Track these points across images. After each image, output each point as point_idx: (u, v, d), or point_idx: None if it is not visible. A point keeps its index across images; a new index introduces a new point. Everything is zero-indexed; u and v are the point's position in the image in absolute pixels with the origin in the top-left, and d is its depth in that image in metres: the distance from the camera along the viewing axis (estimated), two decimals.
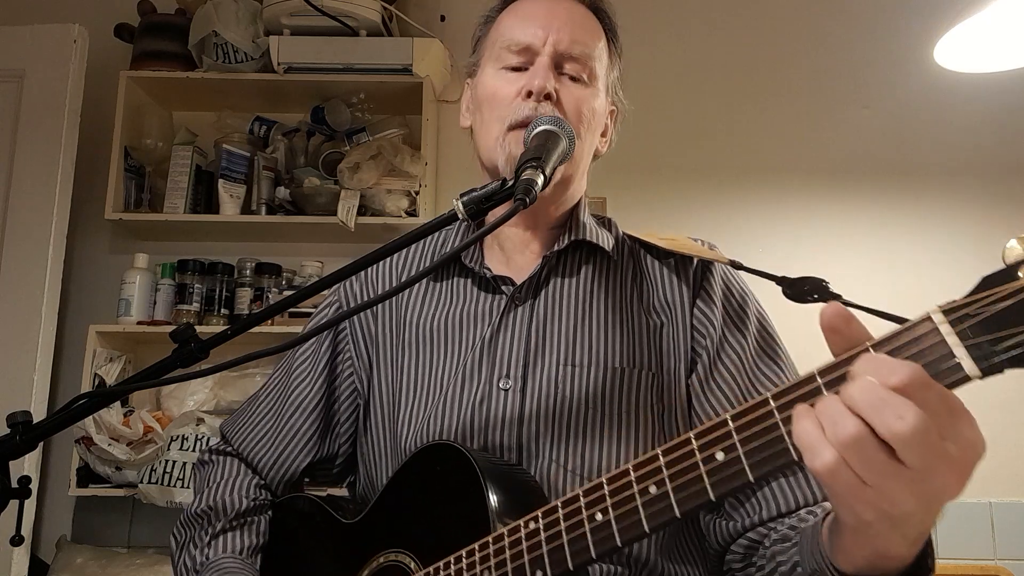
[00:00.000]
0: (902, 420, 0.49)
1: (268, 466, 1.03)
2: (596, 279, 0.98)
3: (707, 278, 0.98)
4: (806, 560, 0.70)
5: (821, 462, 0.52)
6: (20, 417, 0.76)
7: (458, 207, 0.78)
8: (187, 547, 0.99)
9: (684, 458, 0.61)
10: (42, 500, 2.27)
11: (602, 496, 0.66)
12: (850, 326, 0.55)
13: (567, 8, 0.99)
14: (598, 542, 0.65)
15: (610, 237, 1.02)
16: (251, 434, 1.05)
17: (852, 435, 0.50)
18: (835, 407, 0.52)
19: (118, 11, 2.43)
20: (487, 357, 0.93)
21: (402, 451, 0.94)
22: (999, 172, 2.43)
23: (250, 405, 1.09)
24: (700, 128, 2.50)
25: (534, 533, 0.69)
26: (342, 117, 2.37)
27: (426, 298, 1.01)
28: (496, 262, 1.00)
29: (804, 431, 0.53)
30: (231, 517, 0.98)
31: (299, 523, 1.00)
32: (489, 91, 0.98)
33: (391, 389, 0.99)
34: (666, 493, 0.61)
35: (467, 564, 0.74)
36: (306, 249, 2.41)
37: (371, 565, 0.86)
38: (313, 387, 1.03)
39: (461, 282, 1.00)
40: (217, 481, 1.02)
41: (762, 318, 0.99)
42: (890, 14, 2.48)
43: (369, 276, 1.07)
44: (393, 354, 1.00)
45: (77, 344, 2.24)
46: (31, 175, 2.17)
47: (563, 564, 0.67)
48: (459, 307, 0.98)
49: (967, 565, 2.14)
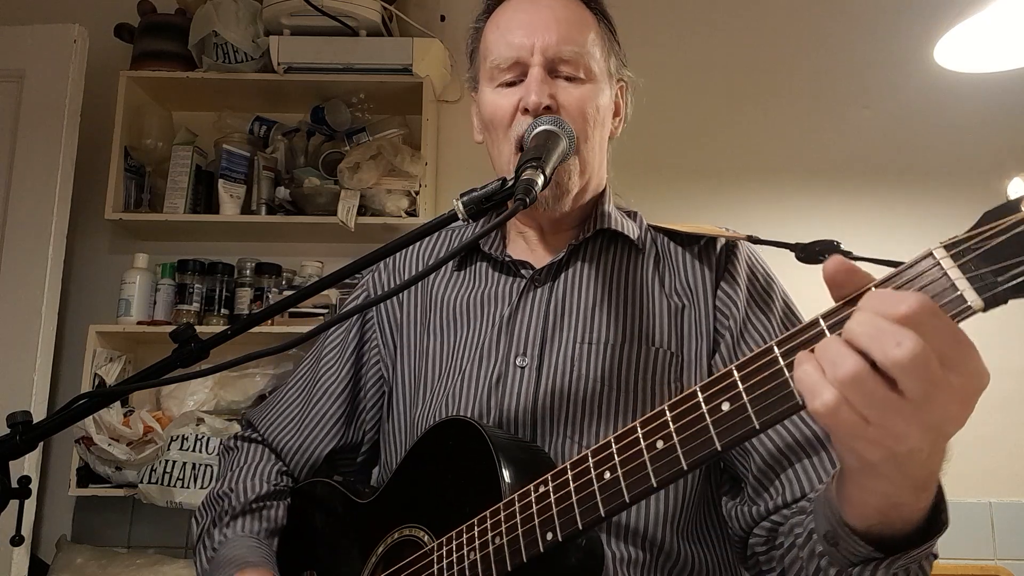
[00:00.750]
0: (900, 347, 0.49)
1: (292, 451, 1.05)
2: (617, 264, 1.00)
3: (731, 261, 0.99)
4: (820, 523, 0.69)
5: (821, 402, 0.51)
6: (20, 417, 0.76)
7: (458, 207, 0.79)
8: (207, 528, 1.01)
9: (690, 411, 0.61)
10: (42, 500, 2.27)
11: (610, 455, 0.66)
12: (853, 277, 0.55)
13: (548, 8, 0.97)
14: (606, 499, 0.66)
15: (635, 227, 1.04)
16: (277, 420, 1.08)
17: (851, 372, 0.50)
18: (834, 347, 0.52)
19: (118, 11, 2.42)
20: (504, 336, 0.95)
21: (419, 431, 0.95)
22: (999, 172, 2.42)
23: (278, 394, 1.11)
24: (701, 128, 2.50)
25: (544, 496, 0.71)
26: (342, 117, 2.37)
27: (450, 283, 1.04)
28: (520, 251, 1.03)
29: (804, 374, 0.53)
30: (251, 499, 1.00)
31: (317, 506, 1.02)
32: (489, 112, 0.98)
33: (415, 372, 1.01)
34: (673, 446, 0.62)
35: (479, 531, 0.75)
36: (306, 249, 2.41)
37: (386, 542, 0.88)
38: (340, 373, 1.06)
39: (483, 267, 1.03)
40: (241, 466, 1.05)
41: (787, 300, 1.00)
42: (890, 14, 2.48)
43: (396, 265, 1.10)
44: (419, 338, 1.02)
45: (77, 344, 2.24)
46: (31, 175, 2.17)
47: (573, 524, 0.68)
48: (480, 289, 1.01)
49: (967, 565, 2.14)
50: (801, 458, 0.85)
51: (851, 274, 0.55)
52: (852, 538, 0.64)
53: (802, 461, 0.85)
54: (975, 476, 2.18)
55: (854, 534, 0.64)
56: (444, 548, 0.79)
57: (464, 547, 0.76)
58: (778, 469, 0.86)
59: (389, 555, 0.88)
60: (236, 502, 1.00)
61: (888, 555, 0.63)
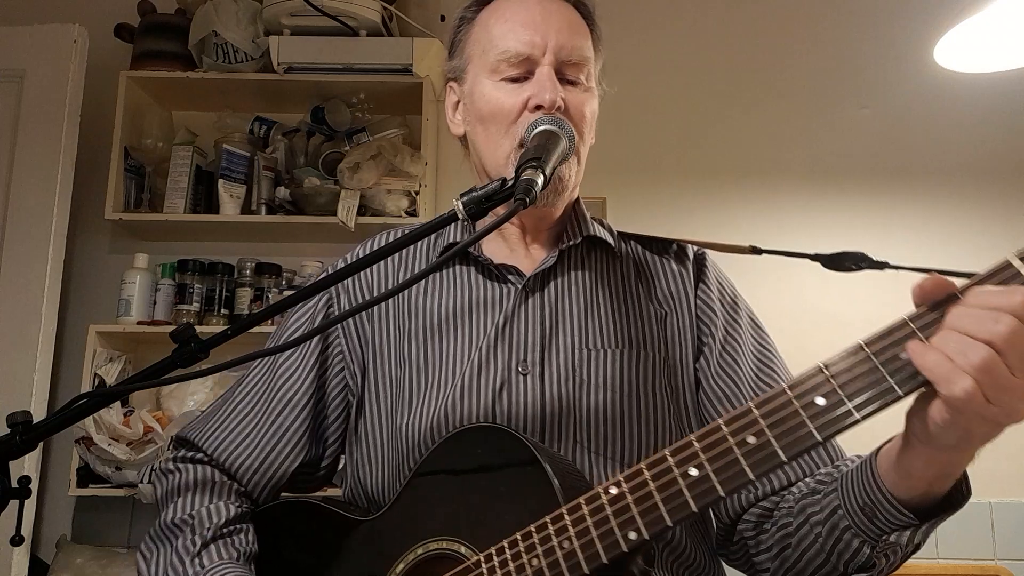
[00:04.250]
0: (998, 323, 0.57)
1: (252, 470, 0.96)
2: (602, 271, 1.00)
3: (703, 270, 1.03)
4: (853, 497, 0.74)
5: (961, 388, 0.57)
6: (20, 417, 0.76)
7: (458, 207, 0.78)
8: (166, 560, 0.88)
9: (782, 407, 0.64)
10: (42, 500, 2.27)
11: (694, 453, 0.67)
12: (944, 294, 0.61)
13: (558, 9, 0.96)
14: (698, 496, 0.66)
15: (607, 233, 1.04)
16: (228, 437, 0.97)
17: (985, 358, 0.57)
18: (957, 337, 0.58)
19: (118, 11, 2.42)
20: (502, 343, 0.93)
21: (412, 444, 0.91)
22: (999, 172, 2.43)
23: (221, 408, 1.00)
24: (700, 129, 2.50)
25: (619, 497, 0.70)
26: (342, 117, 2.37)
27: (430, 288, 0.99)
28: (498, 253, 1.01)
29: (935, 363, 0.58)
30: (220, 524, 0.90)
31: (296, 529, 0.93)
32: (492, 105, 0.95)
33: (394, 384, 0.97)
34: (768, 442, 0.64)
35: (540, 539, 0.72)
36: (306, 249, 2.41)
37: (406, 559, 0.82)
38: (303, 383, 0.98)
39: (464, 270, 1.00)
40: (191, 489, 0.93)
41: (748, 307, 1.06)
42: (890, 14, 2.48)
43: (365, 273, 1.03)
44: (397, 348, 0.98)
45: (77, 344, 2.24)
46: (31, 175, 2.17)
47: (660, 521, 0.68)
48: (466, 295, 0.97)
49: (967, 565, 2.14)
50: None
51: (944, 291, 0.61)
52: (896, 508, 0.70)
53: None
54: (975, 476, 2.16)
55: (899, 504, 0.69)
56: (496, 559, 0.74)
57: (523, 555, 0.72)
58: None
59: (414, 574, 0.82)
60: (201, 529, 0.89)
61: (923, 521, 0.70)
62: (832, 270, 0.94)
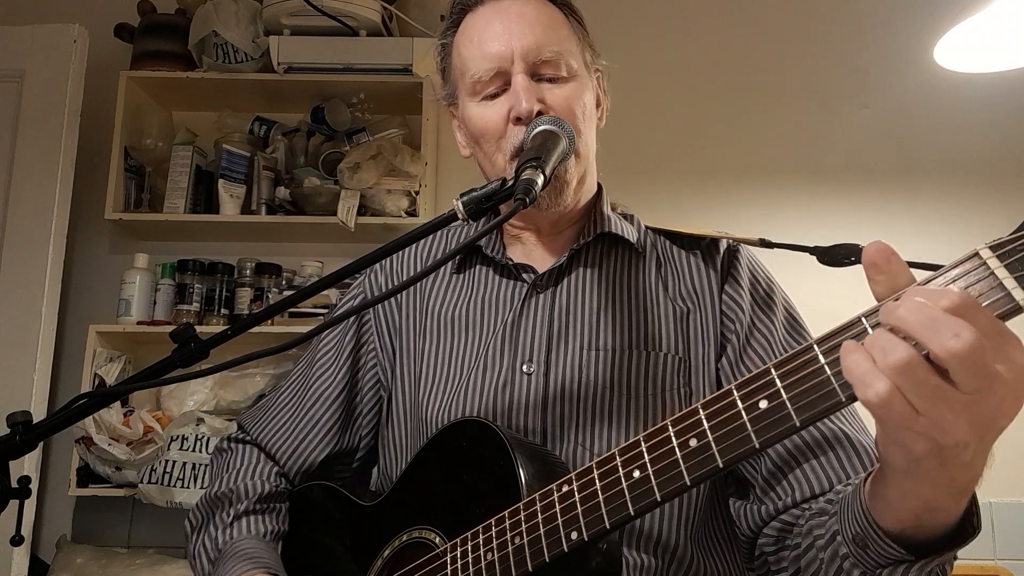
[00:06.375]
0: (959, 338, 0.48)
1: (287, 455, 1.03)
2: (620, 269, 0.99)
3: (734, 264, 0.99)
4: (847, 525, 0.68)
5: (874, 392, 0.51)
6: (20, 417, 0.76)
7: (458, 207, 0.79)
8: (205, 529, 0.98)
9: (726, 409, 0.61)
10: (42, 500, 2.27)
11: (639, 453, 0.66)
12: (891, 262, 0.55)
13: (518, 13, 0.95)
14: (636, 498, 0.65)
15: (634, 230, 1.03)
16: (270, 424, 1.06)
17: (904, 360, 0.50)
18: (885, 337, 0.51)
19: (118, 11, 2.42)
20: (509, 342, 0.94)
21: (424, 436, 0.94)
22: (999, 172, 2.43)
23: (271, 397, 1.09)
24: (700, 129, 2.50)
25: (568, 496, 0.70)
26: (342, 117, 2.37)
27: (449, 287, 1.02)
28: (518, 254, 1.02)
29: (854, 363, 0.52)
30: (253, 500, 0.98)
31: (317, 509, 1.01)
32: (479, 126, 0.96)
33: (413, 377, 1.00)
34: (708, 444, 0.62)
35: (497, 531, 0.74)
36: (306, 249, 2.41)
37: (392, 544, 0.87)
38: (335, 377, 1.04)
39: (483, 271, 1.02)
40: (237, 467, 1.03)
41: (788, 303, 1.00)
42: (890, 14, 2.48)
43: (393, 266, 1.08)
44: (416, 343, 1.01)
45: (77, 344, 2.24)
46: (31, 175, 2.17)
47: (599, 523, 0.67)
48: (480, 294, 1.00)
49: (967, 565, 2.13)
50: (810, 458, 0.85)
51: (889, 260, 0.55)
52: (884, 540, 0.63)
53: (811, 461, 0.85)
54: None
55: (886, 536, 0.63)
56: (459, 549, 0.78)
57: (481, 547, 0.75)
58: (787, 469, 0.86)
59: (396, 557, 0.87)
60: (239, 502, 0.98)
61: (919, 558, 0.63)
62: (827, 264, 0.93)
